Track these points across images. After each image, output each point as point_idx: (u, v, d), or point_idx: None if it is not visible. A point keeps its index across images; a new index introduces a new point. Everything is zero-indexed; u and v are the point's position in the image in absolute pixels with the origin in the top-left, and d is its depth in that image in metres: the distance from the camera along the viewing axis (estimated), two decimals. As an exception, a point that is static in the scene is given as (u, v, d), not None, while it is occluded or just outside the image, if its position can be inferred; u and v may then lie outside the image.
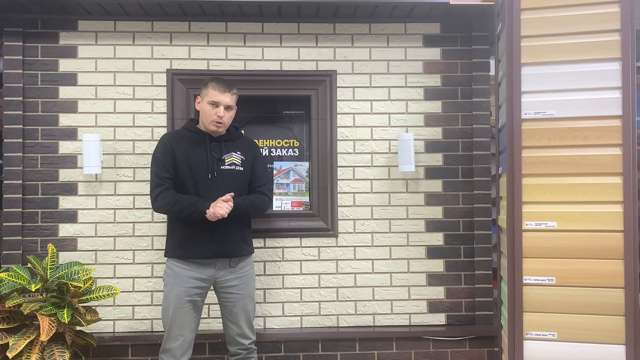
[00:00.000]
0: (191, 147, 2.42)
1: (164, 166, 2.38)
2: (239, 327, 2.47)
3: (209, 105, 2.39)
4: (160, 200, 2.36)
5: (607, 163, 2.06)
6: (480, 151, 3.00)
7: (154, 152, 2.45)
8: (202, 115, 2.43)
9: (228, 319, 2.48)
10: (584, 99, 2.09)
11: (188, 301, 2.38)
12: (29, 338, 2.42)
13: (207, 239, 2.37)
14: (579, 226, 2.09)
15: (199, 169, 2.40)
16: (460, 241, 3.01)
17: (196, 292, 2.40)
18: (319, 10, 2.87)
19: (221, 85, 2.40)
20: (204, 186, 2.38)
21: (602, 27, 2.08)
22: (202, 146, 2.43)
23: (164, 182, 2.37)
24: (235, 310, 2.46)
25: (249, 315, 2.50)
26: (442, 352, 2.97)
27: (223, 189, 2.37)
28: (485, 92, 3.03)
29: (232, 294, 2.45)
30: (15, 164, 2.87)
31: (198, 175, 2.39)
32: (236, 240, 2.43)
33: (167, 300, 2.40)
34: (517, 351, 2.13)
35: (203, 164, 2.40)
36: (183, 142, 2.43)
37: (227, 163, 2.45)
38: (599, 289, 2.07)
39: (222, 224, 2.35)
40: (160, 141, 2.46)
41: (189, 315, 2.40)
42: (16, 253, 2.86)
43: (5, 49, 2.89)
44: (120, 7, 2.82)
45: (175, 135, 2.48)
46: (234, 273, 2.44)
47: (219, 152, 2.44)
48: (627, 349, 2.04)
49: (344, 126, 3.00)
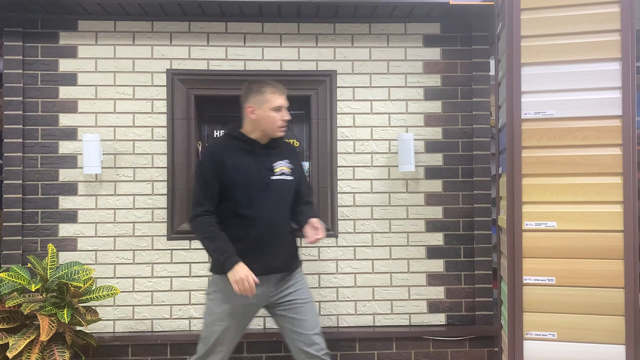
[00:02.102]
0: (242, 157, 2.25)
1: (209, 183, 2.20)
2: (306, 336, 2.25)
3: (273, 112, 2.23)
4: (196, 224, 2.20)
5: (607, 163, 2.06)
6: (480, 151, 3.00)
7: (201, 163, 2.27)
8: (264, 124, 2.25)
9: (293, 330, 2.27)
10: (584, 99, 2.09)
11: (238, 319, 2.24)
12: (29, 338, 2.42)
13: (263, 255, 2.21)
14: (579, 226, 2.09)
15: (252, 181, 2.22)
16: (460, 241, 3.01)
17: (247, 309, 2.25)
18: (319, 10, 2.87)
19: (278, 87, 2.27)
20: (257, 199, 2.21)
21: (602, 27, 2.08)
22: (252, 155, 2.26)
23: (205, 202, 2.20)
24: (299, 317, 2.27)
25: (315, 321, 2.31)
26: (442, 352, 2.97)
27: (274, 201, 2.24)
28: (485, 92, 3.03)
29: (292, 301, 2.28)
30: (15, 164, 2.87)
31: (251, 188, 2.21)
32: (291, 257, 2.33)
33: (213, 316, 2.23)
34: (517, 351, 2.13)
35: (255, 174, 2.23)
36: (232, 151, 2.25)
37: (277, 173, 2.28)
38: (599, 289, 2.07)
39: (277, 240, 2.23)
40: (207, 152, 2.30)
41: (236, 332, 2.26)
42: (16, 253, 2.86)
43: (5, 49, 2.89)
44: (120, 7, 2.82)
45: (224, 145, 2.28)
46: (290, 282, 2.30)
47: (268, 161, 2.28)
48: (627, 349, 2.04)
49: (344, 126, 3.00)
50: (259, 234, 2.20)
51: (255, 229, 2.20)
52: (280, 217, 2.27)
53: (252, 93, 2.26)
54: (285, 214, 2.30)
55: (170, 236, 2.93)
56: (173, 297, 2.94)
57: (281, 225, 2.26)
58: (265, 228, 2.21)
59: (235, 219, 2.21)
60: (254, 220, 2.20)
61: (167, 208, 2.93)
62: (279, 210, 2.27)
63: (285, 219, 2.30)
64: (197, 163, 2.28)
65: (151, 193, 2.94)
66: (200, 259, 2.94)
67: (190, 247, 2.94)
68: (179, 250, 2.94)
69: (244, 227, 2.20)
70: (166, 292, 2.94)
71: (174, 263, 2.94)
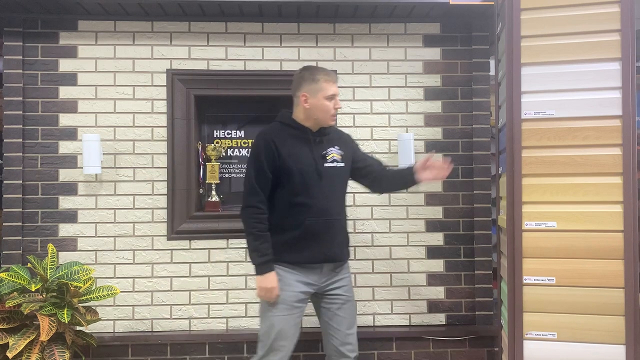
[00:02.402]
0: (296, 145, 2.21)
1: (265, 173, 2.18)
2: (342, 334, 2.26)
3: (326, 100, 2.20)
4: (246, 215, 2.19)
5: (607, 163, 2.06)
6: (480, 151, 3.00)
7: (255, 151, 2.22)
8: (318, 112, 2.22)
9: (331, 326, 2.27)
10: (584, 99, 2.09)
11: (295, 307, 2.20)
12: (29, 338, 2.42)
13: (317, 243, 2.19)
14: (579, 226, 2.09)
15: (307, 169, 2.19)
16: (460, 241, 3.01)
17: (302, 297, 2.22)
18: (319, 10, 2.87)
19: (331, 74, 2.25)
20: (312, 186, 2.19)
21: (602, 27, 2.08)
22: (306, 143, 2.23)
23: (259, 191, 2.18)
24: (340, 314, 2.27)
25: (353, 321, 2.32)
26: (442, 352, 2.97)
27: (328, 189, 2.22)
28: (485, 92, 3.03)
29: (338, 296, 2.27)
30: (15, 164, 2.87)
31: (306, 175, 2.19)
32: (343, 245, 2.31)
33: (271, 306, 2.19)
34: (517, 351, 2.13)
35: (310, 163, 2.21)
36: (286, 138, 2.22)
37: (329, 160, 2.25)
38: (599, 289, 2.07)
39: (331, 228, 2.22)
40: (262, 140, 2.22)
41: (294, 322, 2.22)
42: (16, 253, 2.86)
43: (5, 49, 2.89)
44: (120, 7, 2.82)
45: (277, 132, 2.24)
46: (340, 275, 2.29)
47: (321, 148, 2.25)
48: (627, 349, 2.04)
49: (343, 126, 2.99)
50: (314, 221, 2.18)
51: (310, 216, 2.17)
52: (334, 204, 2.26)
53: (305, 81, 2.23)
54: (338, 201, 2.29)
55: (170, 236, 2.93)
56: (173, 297, 2.94)
57: (335, 213, 2.24)
58: (320, 215, 2.19)
59: (289, 206, 2.19)
60: (309, 208, 2.18)
61: (167, 208, 2.93)
62: (332, 198, 2.25)
63: (338, 207, 2.28)
64: (251, 150, 2.24)
65: (151, 193, 2.94)
66: (200, 259, 2.94)
67: (190, 247, 2.94)
68: (179, 250, 2.94)
69: (299, 215, 2.18)
70: (166, 292, 2.94)
71: (174, 263, 2.94)
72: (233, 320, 2.96)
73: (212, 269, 2.95)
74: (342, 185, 2.31)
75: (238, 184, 3.11)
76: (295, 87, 2.28)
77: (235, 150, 3.12)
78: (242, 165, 3.12)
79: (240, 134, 3.13)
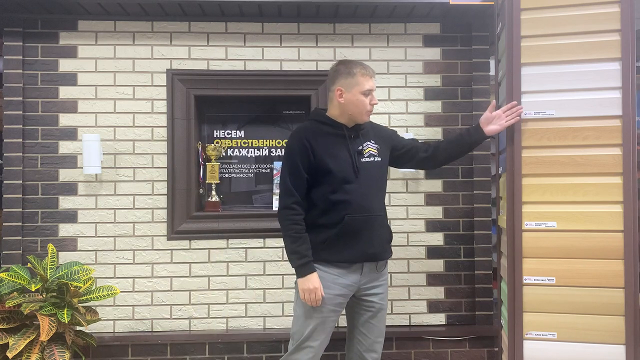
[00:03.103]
0: (331, 142, 2.16)
1: (300, 173, 2.12)
2: (370, 341, 2.22)
3: (362, 95, 2.13)
4: (283, 217, 2.13)
5: (607, 163, 2.06)
6: (480, 151, 2.99)
7: (289, 152, 2.17)
8: (352, 107, 2.15)
9: (360, 331, 2.23)
10: (584, 99, 2.09)
11: (331, 310, 2.14)
12: (29, 338, 2.42)
13: (356, 240, 2.13)
14: (579, 226, 2.09)
15: (344, 165, 2.14)
16: (460, 241, 3.01)
17: (340, 300, 2.16)
18: (319, 10, 2.87)
19: (368, 69, 2.17)
20: (350, 183, 2.13)
21: (602, 27, 2.08)
22: (342, 140, 2.17)
23: (295, 192, 2.12)
24: (371, 322, 2.22)
25: (383, 329, 2.28)
26: (442, 352, 2.97)
27: (367, 185, 2.15)
28: (485, 92, 3.03)
29: (373, 303, 2.22)
30: (15, 164, 2.87)
31: (344, 172, 2.13)
32: (384, 242, 2.24)
33: (305, 307, 2.13)
34: (517, 351, 2.13)
35: (347, 159, 2.15)
36: (321, 137, 2.16)
37: (366, 155, 2.19)
38: (599, 289, 2.07)
39: (372, 225, 2.16)
40: (296, 139, 2.16)
41: (328, 326, 2.16)
42: (16, 253, 2.86)
43: (5, 49, 2.89)
44: (120, 7, 2.82)
45: (311, 131, 2.18)
46: (379, 279, 2.23)
47: (357, 143, 2.19)
48: (627, 349, 2.04)
49: (344, 126, 3.00)
50: (353, 218, 2.11)
51: (349, 213, 2.11)
52: (374, 200, 2.19)
53: (341, 75, 2.16)
54: (378, 196, 2.23)
55: (170, 236, 2.93)
56: (173, 297, 2.94)
57: (375, 209, 2.18)
58: (360, 212, 2.13)
59: (328, 204, 2.13)
60: (348, 205, 2.12)
61: (167, 208, 2.93)
62: (372, 194, 2.18)
63: (378, 202, 2.22)
64: (286, 150, 2.19)
65: (151, 193, 2.94)
66: (200, 259, 2.94)
67: (190, 247, 2.94)
68: (179, 250, 2.94)
69: (337, 212, 2.12)
70: (166, 292, 2.94)
71: (174, 263, 2.94)
72: (233, 320, 2.96)
73: (212, 269, 2.95)
74: (381, 181, 2.24)
75: (238, 184, 3.11)
76: (330, 82, 2.21)
77: (235, 150, 3.12)
78: (242, 165, 3.12)
79: (240, 134, 3.13)
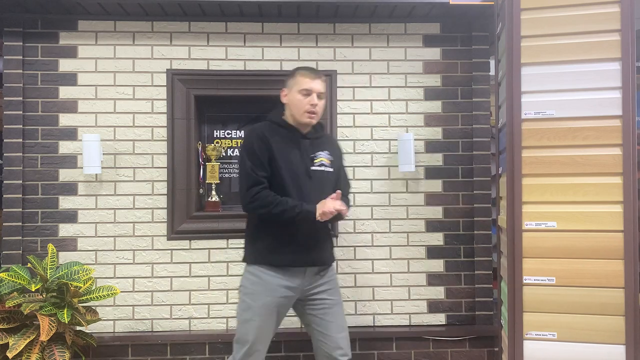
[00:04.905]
0: (286, 143, 2.18)
1: (261, 162, 2.13)
2: (332, 338, 2.22)
3: (300, 95, 2.17)
4: (260, 200, 2.10)
5: (607, 163, 2.06)
6: (480, 151, 3.00)
7: (247, 145, 2.18)
8: (292, 107, 2.20)
9: (319, 332, 2.24)
10: (584, 99, 2.09)
11: (275, 312, 2.18)
12: (29, 338, 2.42)
13: (300, 245, 2.17)
14: (579, 226, 2.08)
15: (295, 169, 2.16)
16: (460, 241, 3.01)
17: (284, 302, 2.19)
18: (319, 10, 2.87)
19: (311, 71, 2.23)
20: (299, 187, 2.16)
21: (602, 27, 2.08)
22: (295, 143, 2.20)
23: (261, 180, 2.12)
24: (326, 319, 2.23)
25: (343, 324, 2.27)
26: (442, 352, 2.97)
27: (315, 192, 2.17)
28: (485, 92, 3.03)
29: (323, 300, 2.24)
30: (15, 164, 2.87)
31: (294, 175, 2.16)
32: (327, 248, 2.29)
33: (251, 311, 2.15)
34: (517, 351, 2.13)
35: (300, 163, 2.17)
36: (277, 136, 2.18)
37: (317, 164, 2.23)
38: (599, 289, 2.06)
39: (313, 231, 2.18)
40: (253, 134, 2.19)
41: (271, 327, 2.20)
42: (16, 253, 2.86)
43: (5, 49, 2.89)
44: (120, 7, 2.82)
45: (268, 129, 2.20)
46: (324, 279, 2.26)
47: (310, 150, 2.22)
48: (627, 349, 2.04)
49: (344, 126, 3.00)
50: (300, 224, 2.13)
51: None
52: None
53: (288, 78, 2.26)
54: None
55: (170, 236, 2.93)
56: (173, 297, 2.94)
57: None
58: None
59: None
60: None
61: (167, 208, 2.92)
62: (319, 201, 2.16)
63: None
64: (243, 145, 2.19)
65: (151, 193, 2.94)
66: (200, 259, 2.95)
67: (190, 247, 2.94)
68: (179, 250, 2.94)
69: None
70: (166, 292, 2.94)
71: (174, 263, 2.94)
72: (233, 320, 2.95)
73: (212, 269, 2.95)
74: (330, 190, 2.20)
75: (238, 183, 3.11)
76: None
77: (235, 150, 3.12)
78: (242, 165, 3.12)
79: (240, 134, 3.13)
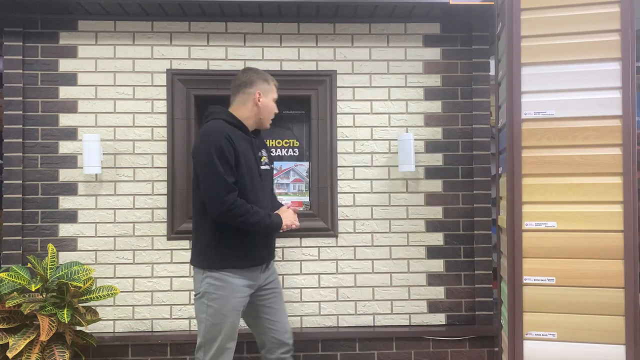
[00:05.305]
0: (244, 145, 2.20)
1: (230, 167, 2.10)
2: (280, 324, 2.34)
3: (273, 102, 2.32)
4: (237, 209, 2.08)
5: (607, 163, 2.06)
6: (480, 151, 3.00)
7: (216, 148, 2.07)
8: (264, 112, 2.29)
9: (268, 319, 2.33)
10: (584, 99, 2.09)
11: (241, 311, 2.25)
12: (29, 338, 2.42)
13: (263, 247, 2.27)
14: (579, 226, 2.09)
15: (252, 170, 2.20)
16: (460, 241, 3.01)
17: (247, 300, 2.26)
18: (319, 10, 2.87)
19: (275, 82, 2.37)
20: (256, 188, 2.20)
21: (602, 27, 2.08)
22: (249, 143, 2.24)
23: (234, 187, 2.10)
24: (275, 307, 2.35)
25: (285, 309, 2.43)
26: (442, 352, 2.97)
27: (266, 192, 2.28)
28: (485, 92, 3.03)
29: (272, 289, 2.35)
30: (15, 164, 2.87)
31: (252, 177, 2.20)
32: (274, 246, 2.40)
33: (219, 315, 2.16)
34: (517, 351, 2.13)
35: (254, 164, 2.22)
36: (236, 137, 2.17)
37: (263, 163, 2.32)
38: (599, 289, 2.07)
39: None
40: (220, 136, 2.10)
41: (237, 325, 2.25)
42: (16, 253, 2.86)
43: (5, 49, 2.89)
44: (120, 7, 2.82)
45: (229, 129, 2.16)
46: (270, 269, 2.37)
47: (256, 149, 2.30)
48: (627, 349, 2.04)
49: (344, 126, 3.00)
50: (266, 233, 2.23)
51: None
52: (270, 206, 2.33)
53: (259, 80, 2.29)
54: (272, 203, 2.38)
55: (170, 236, 2.93)
56: (173, 297, 2.94)
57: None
58: None
59: None
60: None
61: (167, 208, 2.92)
62: (268, 200, 2.32)
63: (272, 209, 2.33)
64: (206, 148, 2.09)
65: (151, 193, 2.94)
66: (200, 259, 2.94)
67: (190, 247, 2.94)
68: (179, 250, 2.94)
69: None
70: (166, 292, 2.94)
71: (174, 263, 2.94)
72: (233, 320, 2.96)
73: (212, 269, 2.95)
74: (272, 188, 2.38)
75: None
76: (246, 85, 2.28)
77: (235, 150, 3.12)
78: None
79: (240, 134, 3.13)
